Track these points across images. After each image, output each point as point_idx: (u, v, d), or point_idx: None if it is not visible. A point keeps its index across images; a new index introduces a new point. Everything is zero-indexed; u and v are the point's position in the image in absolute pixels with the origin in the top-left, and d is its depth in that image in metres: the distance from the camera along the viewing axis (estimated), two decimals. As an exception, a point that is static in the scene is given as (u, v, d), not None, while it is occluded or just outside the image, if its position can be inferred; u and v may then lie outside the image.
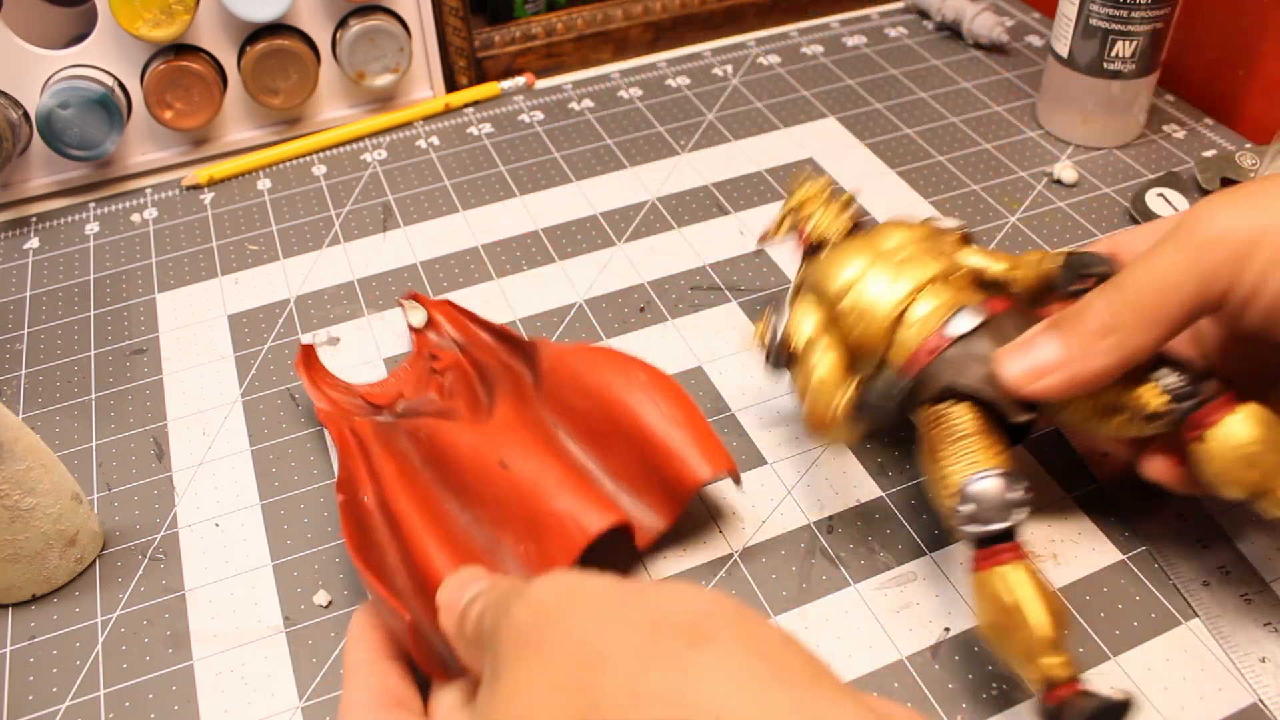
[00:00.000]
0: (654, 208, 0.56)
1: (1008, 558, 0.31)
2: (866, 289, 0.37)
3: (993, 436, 0.34)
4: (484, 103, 0.65)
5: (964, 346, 0.35)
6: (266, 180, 0.60)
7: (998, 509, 0.32)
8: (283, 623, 0.37)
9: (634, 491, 0.38)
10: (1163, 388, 0.33)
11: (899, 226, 0.40)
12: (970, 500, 0.32)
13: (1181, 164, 0.57)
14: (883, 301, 0.37)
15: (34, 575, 0.38)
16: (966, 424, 0.34)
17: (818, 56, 0.68)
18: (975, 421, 0.34)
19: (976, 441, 0.33)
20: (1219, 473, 0.32)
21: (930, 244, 0.38)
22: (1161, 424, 0.33)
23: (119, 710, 0.35)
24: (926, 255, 0.38)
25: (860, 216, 0.42)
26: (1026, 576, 0.31)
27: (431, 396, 0.43)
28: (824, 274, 0.39)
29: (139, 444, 0.44)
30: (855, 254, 0.39)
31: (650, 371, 0.39)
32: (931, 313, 0.36)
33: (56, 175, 0.59)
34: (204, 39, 0.58)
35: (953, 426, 0.34)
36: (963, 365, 0.35)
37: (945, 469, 0.33)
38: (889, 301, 0.37)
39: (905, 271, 0.37)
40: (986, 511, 0.32)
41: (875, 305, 0.37)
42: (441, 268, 0.52)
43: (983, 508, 0.32)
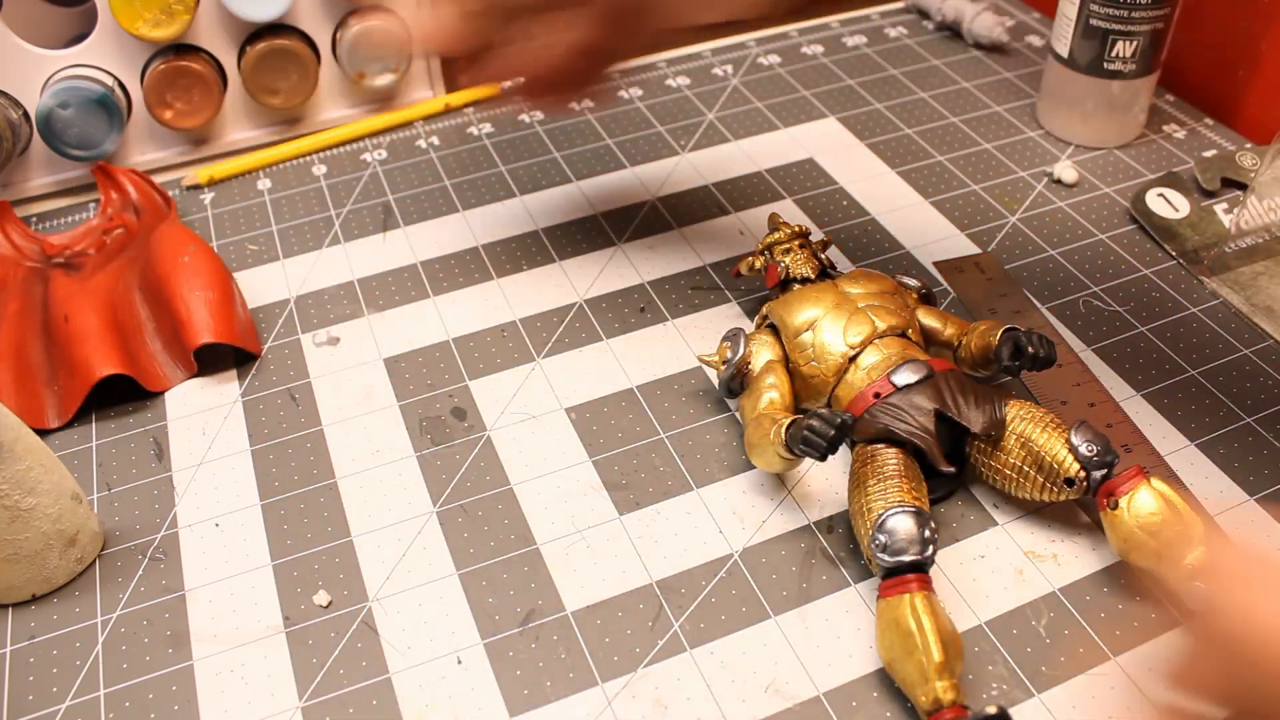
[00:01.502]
0: (654, 207, 0.56)
1: (913, 587, 0.33)
2: (826, 327, 0.41)
3: (916, 480, 0.37)
4: (484, 102, 0.65)
5: (905, 395, 0.38)
6: (266, 180, 0.60)
7: (908, 542, 0.34)
8: (283, 623, 0.37)
9: (166, 347, 0.47)
10: (1078, 457, 0.36)
11: (866, 277, 0.43)
12: (885, 532, 0.34)
13: (1182, 164, 0.57)
14: (839, 342, 0.40)
15: (34, 575, 0.37)
16: (895, 465, 0.37)
17: (818, 56, 0.68)
18: (903, 464, 0.37)
19: (901, 482, 0.36)
20: (1125, 538, 0.35)
21: (891, 298, 0.42)
22: (1075, 491, 0.36)
23: (119, 710, 0.35)
24: (886, 307, 0.41)
25: (831, 265, 0.46)
26: (926, 606, 0.33)
27: (89, 252, 0.53)
28: (789, 308, 0.42)
29: (139, 444, 0.44)
30: (821, 294, 0.42)
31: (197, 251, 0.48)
32: (881, 360, 0.40)
33: (56, 175, 0.59)
34: (204, 39, 0.58)
35: (882, 465, 0.37)
36: (902, 413, 0.38)
37: (870, 501, 0.36)
38: (844, 344, 0.40)
39: (864, 319, 0.41)
40: (898, 544, 0.34)
41: (831, 344, 0.41)
42: (441, 267, 0.52)
43: (894, 540, 0.34)
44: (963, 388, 0.38)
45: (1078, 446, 0.36)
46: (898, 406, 0.38)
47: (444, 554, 0.39)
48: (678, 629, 0.36)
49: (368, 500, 0.41)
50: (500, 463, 0.42)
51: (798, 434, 0.36)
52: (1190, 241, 0.51)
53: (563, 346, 0.48)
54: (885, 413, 0.38)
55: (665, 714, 0.34)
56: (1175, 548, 0.34)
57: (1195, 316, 0.48)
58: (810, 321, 0.41)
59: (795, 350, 0.41)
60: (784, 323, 0.42)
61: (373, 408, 0.45)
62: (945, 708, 0.31)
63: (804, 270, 0.44)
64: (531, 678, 0.35)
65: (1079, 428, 0.37)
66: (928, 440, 0.37)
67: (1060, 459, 0.36)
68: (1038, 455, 0.37)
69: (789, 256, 0.45)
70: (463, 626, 0.37)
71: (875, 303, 0.41)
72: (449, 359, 0.47)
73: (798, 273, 0.45)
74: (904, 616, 0.33)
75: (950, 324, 0.43)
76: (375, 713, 0.34)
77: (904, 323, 0.41)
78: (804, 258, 0.45)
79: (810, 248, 0.46)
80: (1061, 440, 0.37)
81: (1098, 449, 0.36)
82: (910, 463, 0.37)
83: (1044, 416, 0.38)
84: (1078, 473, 0.36)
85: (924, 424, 0.37)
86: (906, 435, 0.37)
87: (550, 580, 0.38)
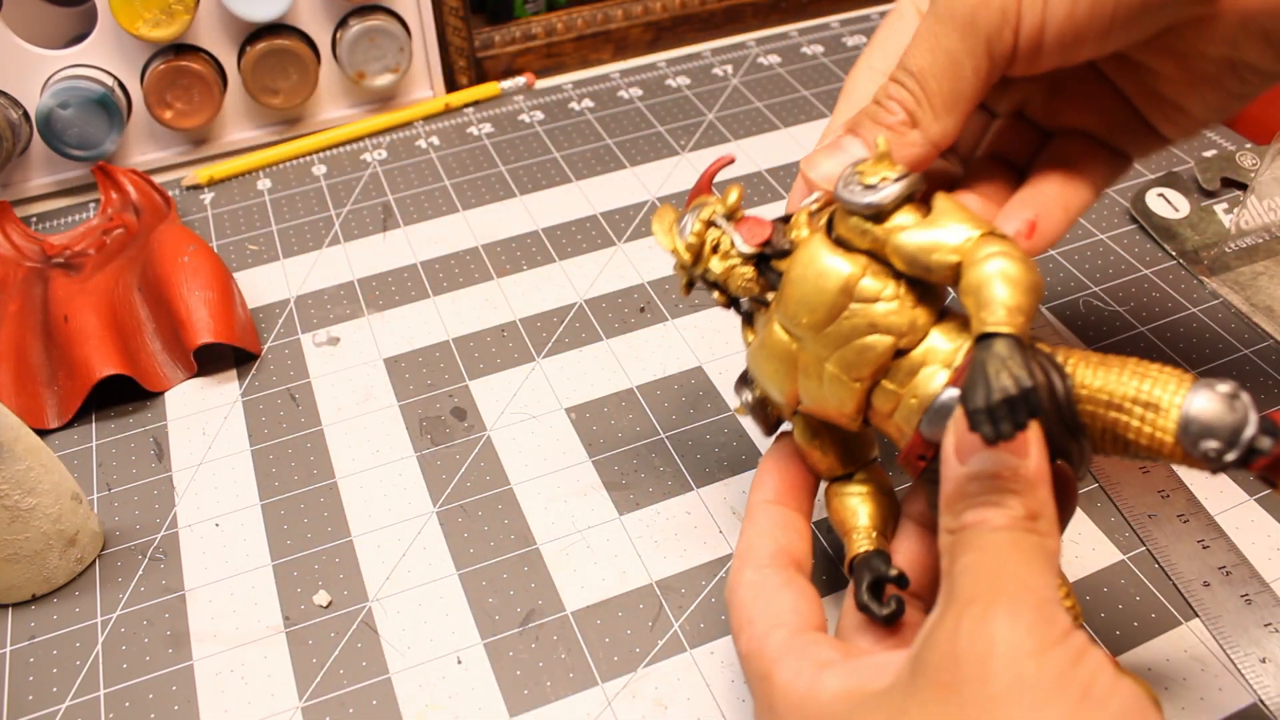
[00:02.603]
0: (654, 207, 0.56)
1: None
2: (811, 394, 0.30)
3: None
4: (484, 103, 0.65)
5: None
6: (266, 180, 0.60)
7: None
8: (283, 623, 0.37)
9: (166, 347, 0.47)
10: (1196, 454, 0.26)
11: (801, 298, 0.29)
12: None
13: (1182, 164, 0.57)
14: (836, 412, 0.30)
15: (34, 575, 0.37)
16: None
17: (818, 56, 0.68)
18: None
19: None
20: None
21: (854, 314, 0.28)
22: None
23: (119, 710, 0.35)
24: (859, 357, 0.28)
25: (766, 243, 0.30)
26: None
27: (89, 252, 0.53)
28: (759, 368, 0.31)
29: (139, 444, 0.44)
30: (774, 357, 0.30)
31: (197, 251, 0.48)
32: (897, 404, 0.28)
33: (56, 175, 0.59)
34: (204, 39, 0.58)
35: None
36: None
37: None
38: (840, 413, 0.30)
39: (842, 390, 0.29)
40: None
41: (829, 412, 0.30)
42: (441, 268, 0.52)
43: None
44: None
45: (1194, 448, 0.25)
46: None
47: (444, 554, 0.39)
48: (678, 629, 0.36)
49: (368, 500, 0.41)
50: (500, 463, 0.42)
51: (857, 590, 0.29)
52: (1190, 241, 0.51)
53: (563, 346, 0.48)
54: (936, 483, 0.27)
55: (665, 714, 0.34)
56: None
57: (1195, 317, 0.48)
58: (790, 395, 0.31)
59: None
60: (767, 392, 0.32)
61: (373, 408, 0.45)
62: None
63: (745, 291, 0.31)
64: (531, 677, 0.35)
65: (1194, 407, 0.25)
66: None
67: (1175, 459, 0.26)
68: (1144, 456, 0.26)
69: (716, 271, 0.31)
70: (463, 626, 0.37)
71: (842, 345, 0.28)
72: (449, 359, 0.47)
73: (743, 294, 0.31)
74: None
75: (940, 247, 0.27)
76: (375, 713, 0.34)
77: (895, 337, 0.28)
78: (736, 269, 0.31)
79: (728, 252, 0.31)
80: (1171, 438, 0.25)
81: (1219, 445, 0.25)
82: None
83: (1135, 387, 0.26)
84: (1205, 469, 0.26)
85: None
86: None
87: (550, 580, 0.38)
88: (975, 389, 0.24)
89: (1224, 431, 0.25)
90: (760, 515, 0.32)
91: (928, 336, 0.28)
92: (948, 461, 0.26)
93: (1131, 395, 0.26)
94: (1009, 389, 0.23)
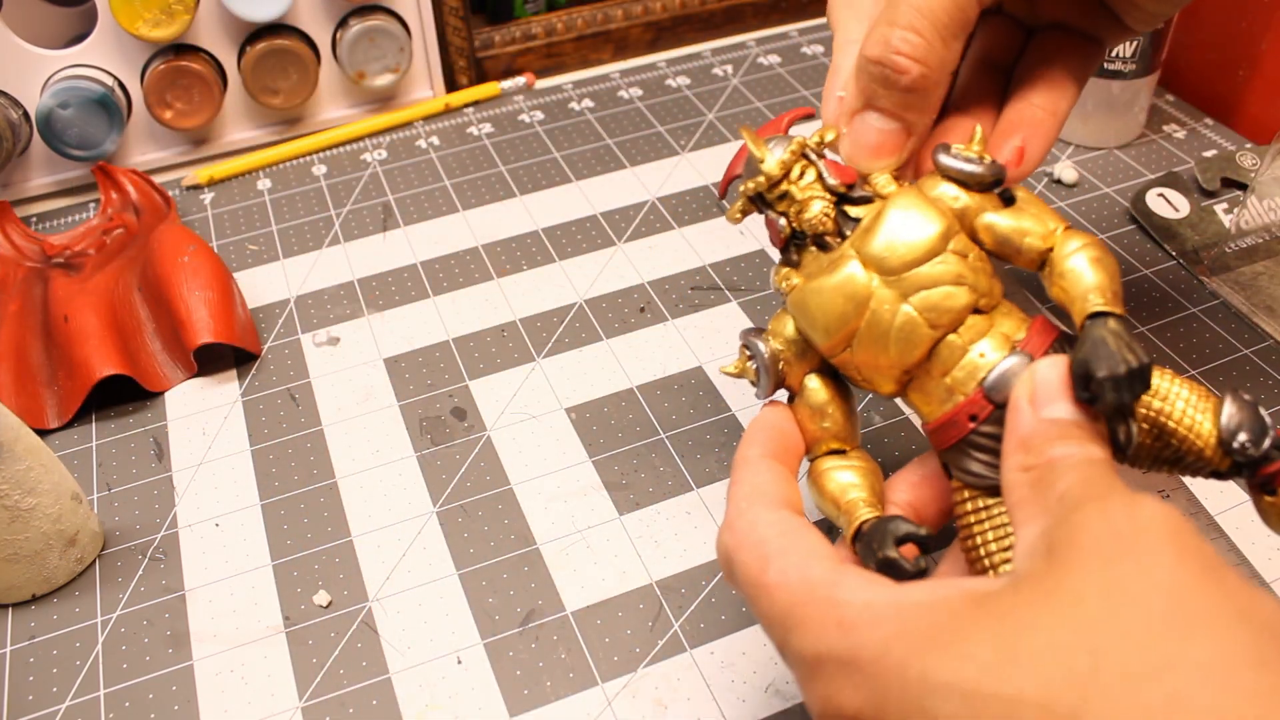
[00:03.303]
0: (654, 207, 0.56)
1: None
2: (863, 345, 0.30)
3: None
4: (484, 103, 0.65)
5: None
6: (266, 180, 0.60)
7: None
8: (283, 623, 0.37)
9: (166, 347, 0.47)
10: (1230, 451, 0.27)
11: (906, 227, 0.29)
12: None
13: (1182, 164, 0.57)
14: (889, 366, 0.30)
15: (34, 575, 0.37)
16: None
17: (818, 56, 0.68)
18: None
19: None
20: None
21: (948, 257, 0.29)
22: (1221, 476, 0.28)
23: (119, 710, 0.35)
24: (944, 288, 0.29)
25: (849, 185, 0.31)
26: None
27: (89, 252, 0.53)
28: (809, 319, 0.31)
29: (139, 444, 0.44)
30: (845, 289, 0.29)
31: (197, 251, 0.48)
32: (962, 360, 0.29)
33: (56, 175, 0.59)
34: (204, 39, 0.58)
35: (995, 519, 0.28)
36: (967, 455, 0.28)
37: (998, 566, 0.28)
38: (897, 367, 0.29)
39: (917, 329, 0.29)
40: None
41: (879, 370, 0.30)
42: (441, 267, 0.52)
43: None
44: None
45: (1232, 438, 0.27)
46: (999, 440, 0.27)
47: (444, 554, 0.39)
48: (678, 629, 0.36)
49: (368, 500, 0.41)
50: (500, 463, 0.42)
51: (869, 554, 0.28)
52: (1190, 241, 0.51)
53: (563, 346, 0.48)
54: (983, 450, 0.28)
55: (665, 714, 0.34)
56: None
57: (1195, 316, 0.48)
58: (842, 339, 0.30)
59: (838, 368, 0.31)
60: (810, 338, 0.31)
61: (373, 408, 0.45)
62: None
63: (816, 224, 0.30)
64: (531, 677, 0.35)
65: (1233, 404, 0.27)
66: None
67: (1203, 450, 0.28)
68: (1174, 447, 0.28)
69: (789, 205, 0.31)
70: (463, 626, 0.37)
71: (924, 288, 0.29)
72: (449, 359, 0.47)
73: (811, 229, 0.31)
74: None
75: (1028, 231, 0.29)
76: (375, 713, 0.34)
77: (973, 296, 0.29)
78: (812, 194, 0.31)
79: (815, 168, 0.31)
80: (1209, 423, 0.27)
81: (1250, 438, 0.27)
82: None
83: (1184, 390, 0.28)
84: (1227, 465, 0.27)
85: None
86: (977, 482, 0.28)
87: (550, 580, 0.38)
88: (1099, 359, 0.25)
89: (1255, 429, 0.27)
90: (761, 466, 0.30)
91: (998, 307, 0.30)
92: (1020, 410, 0.26)
93: (1176, 390, 0.28)
94: (1131, 363, 0.25)
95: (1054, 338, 0.29)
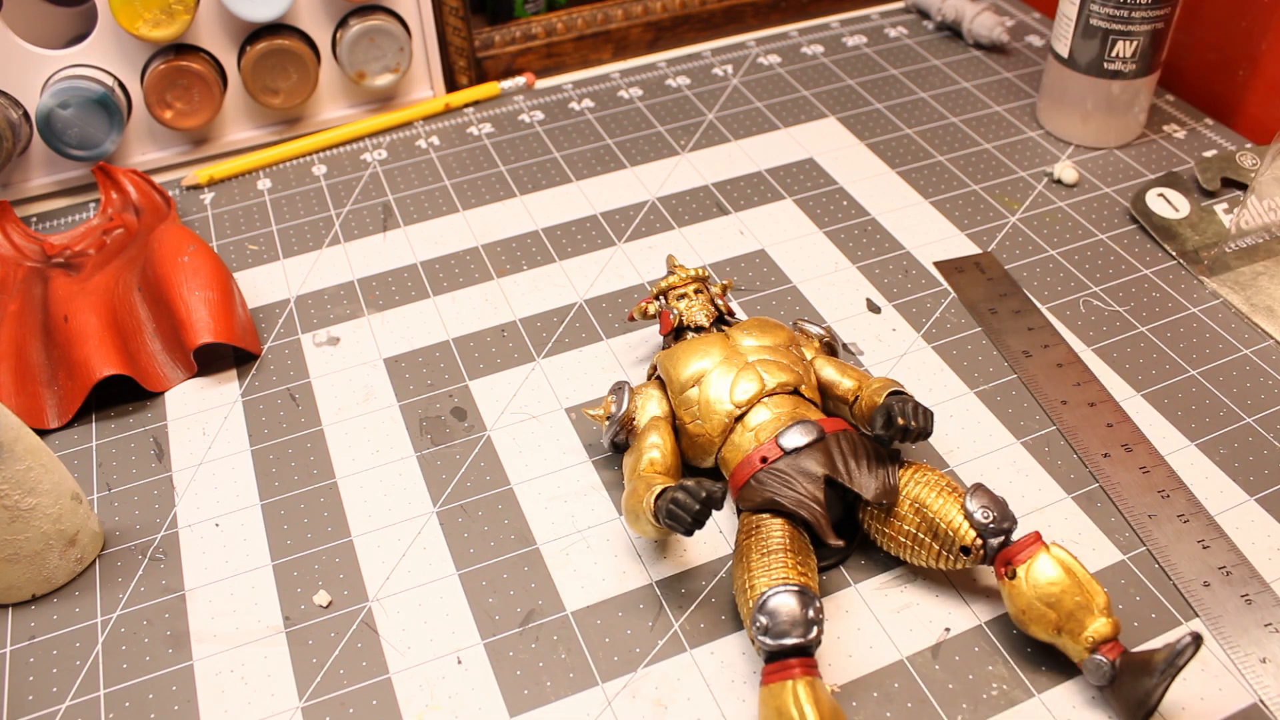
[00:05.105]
0: (654, 207, 0.56)
1: (796, 673, 0.31)
2: (713, 383, 0.39)
3: (803, 554, 0.35)
4: (484, 103, 0.65)
5: (794, 460, 0.36)
6: (267, 180, 0.60)
7: (790, 624, 0.32)
8: (283, 623, 0.37)
9: (166, 347, 0.47)
10: (973, 524, 0.34)
11: (761, 328, 0.41)
12: (766, 614, 0.32)
13: (1182, 164, 0.57)
14: (725, 400, 0.38)
15: (34, 575, 0.37)
16: (780, 538, 0.34)
17: (818, 56, 0.68)
18: (789, 537, 0.35)
19: (785, 557, 0.34)
20: (1023, 610, 0.33)
21: (785, 352, 0.40)
22: (972, 559, 0.35)
23: (119, 710, 0.35)
24: (778, 362, 0.39)
25: (729, 312, 0.44)
26: (809, 694, 0.31)
27: (89, 252, 0.53)
28: (676, 361, 0.40)
29: (139, 444, 0.44)
30: (711, 347, 0.40)
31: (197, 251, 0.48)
32: (770, 420, 0.37)
33: (56, 175, 0.59)
34: (204, 39, 0.58)
35: (767, 538, 0.35)
36: (789, 479, 0.35)
37: (752, 578, 0.34)
38: (730, 401, 0.38)
39: (753, 375, 0.38)
40: (780, 626, 0.32)
41: (717, 402, 0.38)
42: (442, 267, 0.52)
43: (776, 622, 0.32)
44: (855, 450, 0.36)
45: (973, 513, 0.34)
46: (785, 473, 0.35)
47: (444, 554, 0.39)
48: (678, 629, 0.36)
49: (368, 500, 0.41)
50: (500, 462, 0.42)
51: (664, 505, 0.34)
52: (1190, 241, 0.51)
53: (563, 346, 0.48)
54: (771, 479, 0.36)
55: (665, 714, 0.34)
56: (1076, 619, 0.32)
57: (1195, 317, 0.48)
58: (697, 376, 0.39)
59: (681, 407, 0.39)
60: (670, 376, 0.40)
61: (373, 408, 0.45)
62: None
63: (698, 318, 0.42)
64: (532, 678, 0.35)
65: (975, 493, 0.35)
66: (815, 511, 0.35)
67: (956, 526, 0.34)
68: (933, 522, 0.35)
69: (683, 303, 0.43)
70: (463, 626, 0.37)
71: (767, 356, 0.39)
72: (449, 359, 0.47)
73: (691, 320, 0.42)
74: (786, 705, 0.31)
75: (848, 376, 0.40)
76: (375, 713, 0.34)
77: (796, 379, 0.39)
78: (699, 304, 0.43)
79: (707, 293, 0.43)
80: (957, 506, 0.35)
81: (994, 515, 0.34)
82: (797, 534, 0.35)
83: (939, 480, 0.36)
84: (974, 540, 0.34)
85: (812, 492, 0.35)
86: (793, 506, 0.35)
87: (550, 580, 0.38)
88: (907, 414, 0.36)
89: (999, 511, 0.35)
90: None
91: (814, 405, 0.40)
92: None
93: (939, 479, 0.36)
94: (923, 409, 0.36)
95: (844, 427, 0.37)
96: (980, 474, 0.41)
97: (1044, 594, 0.33)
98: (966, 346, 0.47)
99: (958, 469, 0.41)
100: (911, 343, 0.47)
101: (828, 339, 0.42)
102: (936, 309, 0.49)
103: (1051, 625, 0.33)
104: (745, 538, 0.35)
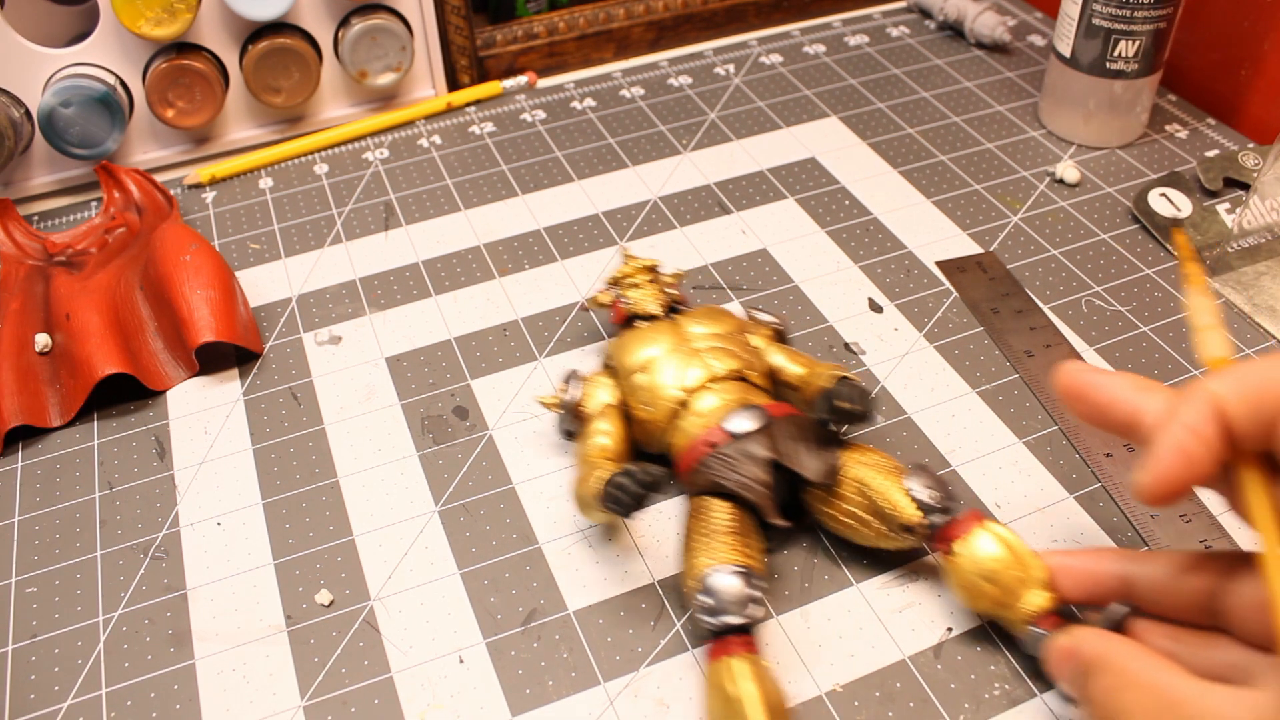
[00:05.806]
0: (656, 207, 0.56)
1: (738, 651, 0.32)
2: (661, 369, 0.39)
3: (749, 537, 0.35)
4: (486, 102, 0.65)
5: (739, 444, 0.36)
6: (268, 179, 0.60)
7: (734, 604, 0.33)
8: (285, 622, 0.37)
9: (168, 346, 0.47)
10: (915, 501, 0.35)
11: (710, 316, 0.42)
12: (709, 593, 0.33)
13: (1184, 164, 0.57)
14: (672, 386, 0.39)
15: None
16: (725, 520, 0.35)
17: (820, 56, 0.68)
18: (734, 519, 0.35)
19: (729, 539, 0.35)
20: (963, 585, 0.34)
21: (733, 339, 0.41)
22: (915, 538, 0.35)
23: (120, 709, 0.35)
24: (726, 349, 0.40)
25: (681, 301, 0.44)
26: (751, 671, 0.32)
27: (91, 251, 0.53)
28: (626, 348, 0.41)
29: (141, 443, 0.44)
30: (660, 335, 0.41)
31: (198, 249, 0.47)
32: (718, 406, 0.38)
33: (58, 174, 0.59)
34: (206, 37, 0.58)
35: (712, 520, 0.35)
36: (734, 463, 0.36)
37: (695, 559, 0.34)
38: (678, 387, 0.39)
39: (700, 361, 0.39)
40: (723, 605, 0.33)
41: (664, 387, 0.39)
42: (443, 267, 0.52)
43: (719, 602, 0.33)
44: (800, 434, 0.37)
45: (914, 492, 0.35)
46: (730, 456, 0.36)
47: (446, 553, 0.39)
48: (680, 628, 0.36)
49: (369, 499, 0.41)
50: (502, 462, 0.42)
51: (606, 489, 0.35)
52: (1192, 241, 0.51)
53: (565, 346, 0.48)
54: (717, 463, 0.36)
55: (667, 713, 0.34)
56: (1014, 593, 0.33)
57: (1197, 316, 0.48)
58: (645, 363, 0.40)
59: (630, 393, 0.40)
60: (619, 363, 0.41)
61: (374, 407, 0.45)
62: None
63: (649, 306, 0.43)
64: (533, 677, 0.35)
65: (916, 473, 0.36)
66: (760, 493, 0.35)
67: (897, 505, 0.35)
68: (875, 502, 0.35)
69: (635, 292, 0.44)
70: (465, 625, 0.37)
71: (715, 344, 0.40)
72: (451, 358, 0.47)
73: (642, 309, 0.43)
74: (728, 682, 0.31)
75: (797, 363, 0.41)
76: (377, 712, 0.34)
77: (744, 365, 0.39)
78: (651, 294, 0.43)
79: (659, 283, 0.44)
80: (898, 486, 0.35)
81: (935, 494, 0.35)
82: (743, 516, 0.36)
83: (882, 462, 0.36)
84: (915, 519, 0.35)
85: (757, 475, 0.36)
86: (737, 488, 0.36)
87: (552, 579, 0.38)
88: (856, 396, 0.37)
89: (940, 490, 0.35)
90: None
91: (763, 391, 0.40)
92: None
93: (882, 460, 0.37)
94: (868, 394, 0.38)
95: (791, 411, 0.38)
96: (982, 473, 0.41)
97: (984, 569, 0.34)
98: (968, 346, 0.47)
99: (959, 469, 0.41)
100: (913, 342, 0.47)
101: (780, 326, 0.43)
102: (938, 308, 0.49)
103: (992, 600, 0.34)
104: (692, 520, 0.36)
